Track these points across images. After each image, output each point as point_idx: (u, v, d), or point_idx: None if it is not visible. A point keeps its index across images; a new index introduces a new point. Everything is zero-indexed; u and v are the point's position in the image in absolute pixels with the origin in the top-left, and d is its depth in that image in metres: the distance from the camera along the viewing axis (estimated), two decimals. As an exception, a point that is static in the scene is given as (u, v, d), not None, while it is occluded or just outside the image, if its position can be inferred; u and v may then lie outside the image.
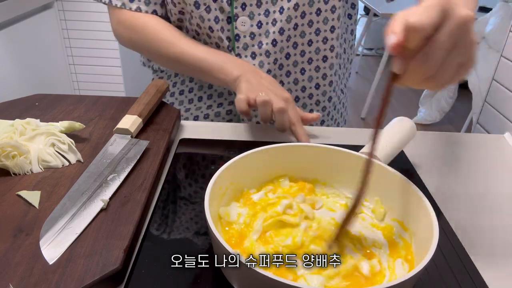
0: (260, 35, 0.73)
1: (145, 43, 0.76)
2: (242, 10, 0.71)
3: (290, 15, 0.71)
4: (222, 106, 0.81)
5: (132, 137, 0.61)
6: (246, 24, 0.72)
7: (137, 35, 0.76)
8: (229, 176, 0.48)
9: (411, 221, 0.46)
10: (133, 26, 0.75)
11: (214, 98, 0.82)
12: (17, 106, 0.71)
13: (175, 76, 0.85)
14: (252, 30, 0.73)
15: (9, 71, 1.53)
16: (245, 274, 0.37)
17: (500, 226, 0.54)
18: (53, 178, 0.54)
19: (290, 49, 0.75)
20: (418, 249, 0.43)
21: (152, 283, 0.42)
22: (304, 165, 0.50)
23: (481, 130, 0.89)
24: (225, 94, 0.81)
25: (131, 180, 0.54)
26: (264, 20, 0.72)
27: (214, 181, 0.45)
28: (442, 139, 0.74)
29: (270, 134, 0.73)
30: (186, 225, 0.50)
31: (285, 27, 0.72)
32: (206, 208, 0.41)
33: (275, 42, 0.73)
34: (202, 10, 0.70)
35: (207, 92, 0.82)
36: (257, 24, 0.72)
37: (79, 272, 0.40)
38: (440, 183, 0.61)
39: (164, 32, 0.74)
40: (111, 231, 0.45)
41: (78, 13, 1.88)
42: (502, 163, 0.69)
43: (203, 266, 0.44)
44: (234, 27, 0.72)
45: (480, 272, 0.45)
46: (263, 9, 0.71)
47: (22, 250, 0.42)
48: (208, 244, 0.47)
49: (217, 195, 0.47)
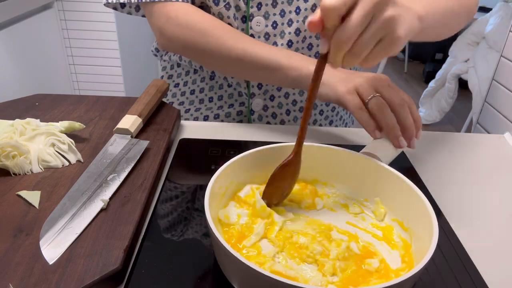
0: (275, 36, 0.72)
1: (202, 40, 0.67)
2: (258, 10, 0.70)
3: (307, 16, 0.70)
4: (233, 107, 0.81)
5: (132, 137, 0.61)
6: (261, 25, 0.71)
7: (192, 33, 0.67)
8: (229, 175, 0.48)
9: (411, 221, 0.46)
10: (187, 22, 0.67)
11: (225, 99, 0.81)
12: (17, 106, 0.71)
13: (186, 74, 0.84)
14: (267, 31, 0.72)
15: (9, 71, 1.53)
16: (244, 273, 0.37)
17: (500, 226, 0.54)
18: (53, 178, 0.54)
19: (305, 50, 0.74)
20: (418, 249, 0.43)
21: (152, 283, 0.42)
22: (304, 165, 0.50)
23: (481, 130, 0.89)
24: (235, 95, 0.80)
25: (131, 180, 0.54)
26: (279, 21, 0.71)
27: (214, 180, 0.45)
28: (442, 139, 0.74)
29: (270, 134, 0.73)
30: (186, 225, 0.50)
31: (301, 28, 0.71)
32: (206, 207, 0.41)
33: (291, 42, 0.72)
34: (221, 7, 0.69)
35: (218, 93, 0.81)
36: (272, 24, 0.71)
37: (79, 272, 0.40)
38: (440, 183, 0.61)
39: (222, 28, 0.67)
40: (111, 231, 0.45)
41: (78, 13, 1.88)
42: (502, 163, 0.69)
43: (203, 266, 0.44)
44: (249, 27, 0.71)
45: (480, 272, 0.45)
46: (278, 9, 0.70)
47: (22, 250, 0.42)
48: (206, 244, 0.47)
49: (217, 194, 0.47)
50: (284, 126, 0.78)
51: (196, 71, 0.82)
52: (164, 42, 0.70)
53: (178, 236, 0.48)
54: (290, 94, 0.78)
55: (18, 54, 1.58)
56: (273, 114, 0.80)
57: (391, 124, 0.54)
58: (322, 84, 0.61)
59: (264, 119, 0.80)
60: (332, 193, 0.54)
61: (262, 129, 0.75)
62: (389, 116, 0.54)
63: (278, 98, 0.78)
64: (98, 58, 1.98)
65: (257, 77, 0.72)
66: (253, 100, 0.78)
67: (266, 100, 0.78)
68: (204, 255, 0.46)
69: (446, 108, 2.71)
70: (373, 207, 0.51)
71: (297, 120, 0.81)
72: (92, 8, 1.87)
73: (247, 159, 0.50)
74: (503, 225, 0.54)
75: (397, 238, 0.47)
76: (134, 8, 0.74)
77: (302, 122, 0.46)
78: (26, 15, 1.63)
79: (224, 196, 0.49)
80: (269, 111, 0.79)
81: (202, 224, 0.50)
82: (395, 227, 0.48)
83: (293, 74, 0.63)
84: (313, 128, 0.78)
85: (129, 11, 0.75)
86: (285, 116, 0.80)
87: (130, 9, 0.74)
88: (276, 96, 0.78)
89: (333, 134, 0.73)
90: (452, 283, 0.43)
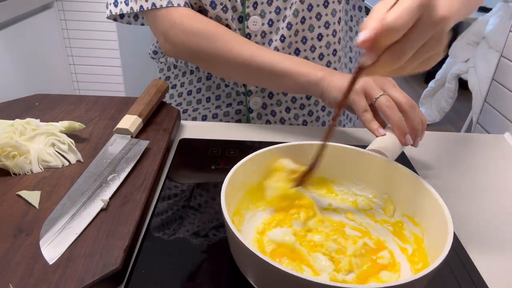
0: (271, 33, 0.72)
1: (208, 46, 0.66)
2: (254, 9, 0.70)
3: (297, 9, 0.70)
4: (231, 106, 0.81)
5: (132, 137, 0.62)
6: (257, 24, 0.71)
7: (198, 38, 0.66)
8: (242, 172, 0.48)
9: (422, 216, 0.46)
10: (192, 28, 0.66)
11: (222, 99, 0.81)
12: (17, 106, 0.71)
13: (182, 75, 0.84)
14: (264, 29, 0.72)
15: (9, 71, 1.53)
16: (260, 268, 0.37)
17: (500, 226, 0.54)
18: (53, 178, 0.54)
19: (299, 44, 0.74)
20: (430, 243, 0.43)
21: (152, 283, 0.42)
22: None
23: (481, 130, 0.90)
24: (233, 95, 0.80)
25: (131, 180, 0.54)
26: (275, 18, 0.71)
27: (230, 176, 0.45)
28: (442, 139, 0.74)
29: (271, 134, 0.73)
30: (186, 225, 0.50)
31: (292, 21, 0.71)
32: (222, 198, 0.41)
33: (283, 37, 0.72)
34: (219, 10, 0.69)
35: (215, 93, 0.81)
36: (268, 22, 0.71)
37: (79, 272, 0.40)
38: (440, 183, 0.61)
39: (228, 34, 0.67)
40: (111, 231, 0.45)
41: (78, 13, 1.88)
42: (502, 163, 0.69)
43: (203, 266, 0.44)
44: (246, 27, 0.71)
45: (480, 272, 0.45)
46: (274, 7, 0.70)
47: (22, 250, 0.42)
48: (206, 244, 0.47)
49: (231, 190, 0.47)
50: (285, 126, 0.78)
51: (192, 71, 0.82)
52: (168, 47, 0.69)
53: (178, 236, 0.48)
54: None
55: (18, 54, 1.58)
56: (272, 112, 0.80)
57: (400, 121, 0.55)
58: (330, 88, 0.62)
59: (264, 117, 0.80)
60: (340, 190, 0.54)
61: (262, 129, 0.75)
62: (397, 114, 0.55)
63: (277, 95, 0.78)
64: (98, 58, 1.98)
65: (263, 83, 0.72)
66: (250, 98, 0.78)
67: (265, 98, 0.78)
68: (204, 255, 0.46)
69: (446, 108, 2.70)
70: (382, 204, 0.51)
71: (298, 118, 0.81)
72: (92, 8, 1.87)
73: (260, 157, 0.50)
74: (503, 225, 0.54)
75: (408, 233, 0.47)
76: (133, 17, 0.74)
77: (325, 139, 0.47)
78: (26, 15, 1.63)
79: (238, 191, 0.49)
80: (268, 109, 0.79)
81: (202, 224, 0.50)
82: (406, 223, 0.48)
83: (302, 80, 0.63)
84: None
85: (128, 21, 0.75)
86: (284, 114, 0.80)
87: (129, 18, 0.74)
88: (275, 94, 0.78)
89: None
90: (452, 283, 0.43)
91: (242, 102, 0.80)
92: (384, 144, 0.55)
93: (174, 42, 0.68)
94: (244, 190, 0.49)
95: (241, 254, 0.39)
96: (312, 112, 0.81)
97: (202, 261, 0.45)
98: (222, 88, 0.80)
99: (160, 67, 0.87)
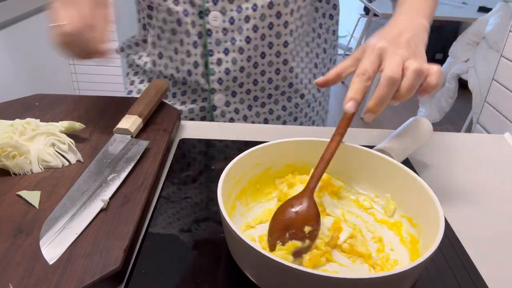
0: (233, 31, 0.72)
1: None
2: (214, 5, 0.70)
3: (264, 13, 0.71)
4: (196, 102, 0.81)
5: (132, 137, 0.61)
6: (218, 19, 0.71)
7: None
8: (240, 167, 0.49)
9: (420, 218, 0.46)
10: None
11: (188, 95, 0.81)
12: (17, 106, 0.71)
13: (150, 71, 0.84)
14: (225, 26, 0.72)
15: (9, 71, 1.53)
16: (259, 261, 0.37)
17: (500, 226, 0.54)
18: (53, 178, 0.54)
19: (265, 48, 0.74)
20: (424, 244, 0.43)
21: (152, 283, 0.42)
22: (314, 161, 0.50)
23: (481, 130, 0.89)
24: (198, 91, 0.80)
25: (131, 180, 0.54)
26: (236, 16, 0.71)
27: (227, 171, 0.46)
28: (442, 139, 0.74)
29: (270, 134, 0.73)
30: (187, 225, 0.50)
31: (259, 25, 0.72)
32: (219, 193, 0.42)
33: (249, 39, 0.73)
34: (169, 3, 0.70)
35: (181, 88, 0.81)
36: (229, 20, 0.71)
37: (79, 272, 0.40)
38: (440, 183, 0.61)
39: None
40: (111, 231, 0.45)
41: (78, 13, 1.88)
42: (502, 163, 0.69)
43: (203, 266, 0.44)
44: (206, 22, 0.72)
45: (480, 272, 0.45)
46: (235, 5, 0.71)
47: (22, 250, 0.42)
48: (206, 244, 0.47)
49: (230, 184, 0.47)
50: (284, 127, 0.78)
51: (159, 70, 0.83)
52: None
53: (178, 236, 0.48)
54: (251, 91, 0.79)
55: (18, 54, 1.58)
56: (235, 110, 0.80)
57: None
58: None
59: (227, 115, 0.80)
60: (343, 188, 0.54)
61: (262, 129, 0.75)
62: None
63: (240, 94, 0.79)
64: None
65: None
66: (214, 95, 0.78)
67: (228, 96, 0.78)
68: (204, 255, 0.46)
69: (446, 108, 2.70)
70: (383, 203, 0.52)
71: (259, 116, 0.82)
72: (92, 8, 1.86)
73: (259, 152, 0.51)
74: (503, 225, 0.54)
75: (405, 234, 0.48)
76: None
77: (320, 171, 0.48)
78: (26, 15, 1.63)
79: (237, 185, 0.49)
80: (231, 107, 0.80)
81: (202, 224, 0.50)
82: (404, 223, 0.49)
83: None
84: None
85: None
86: (247, 112, 0.80)
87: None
88: (238, 92, 0.78)
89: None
90: (452, 283, 0.43)
91: (206, 99, 0.80)
92: (392, 145, 0.56)
93: None
94: (242, 186, 0.50)
95: (234, 243, 0.40)
96: (273, 110, 0.82)
97: (202, 261, 0.45)
98: (188, 83, 0.80)
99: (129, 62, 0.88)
